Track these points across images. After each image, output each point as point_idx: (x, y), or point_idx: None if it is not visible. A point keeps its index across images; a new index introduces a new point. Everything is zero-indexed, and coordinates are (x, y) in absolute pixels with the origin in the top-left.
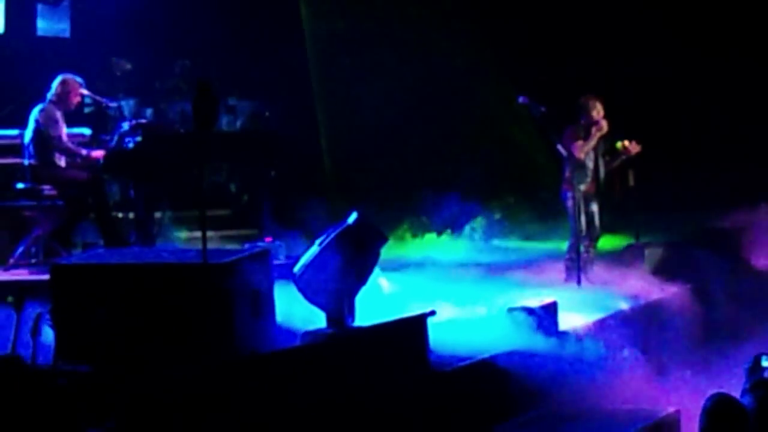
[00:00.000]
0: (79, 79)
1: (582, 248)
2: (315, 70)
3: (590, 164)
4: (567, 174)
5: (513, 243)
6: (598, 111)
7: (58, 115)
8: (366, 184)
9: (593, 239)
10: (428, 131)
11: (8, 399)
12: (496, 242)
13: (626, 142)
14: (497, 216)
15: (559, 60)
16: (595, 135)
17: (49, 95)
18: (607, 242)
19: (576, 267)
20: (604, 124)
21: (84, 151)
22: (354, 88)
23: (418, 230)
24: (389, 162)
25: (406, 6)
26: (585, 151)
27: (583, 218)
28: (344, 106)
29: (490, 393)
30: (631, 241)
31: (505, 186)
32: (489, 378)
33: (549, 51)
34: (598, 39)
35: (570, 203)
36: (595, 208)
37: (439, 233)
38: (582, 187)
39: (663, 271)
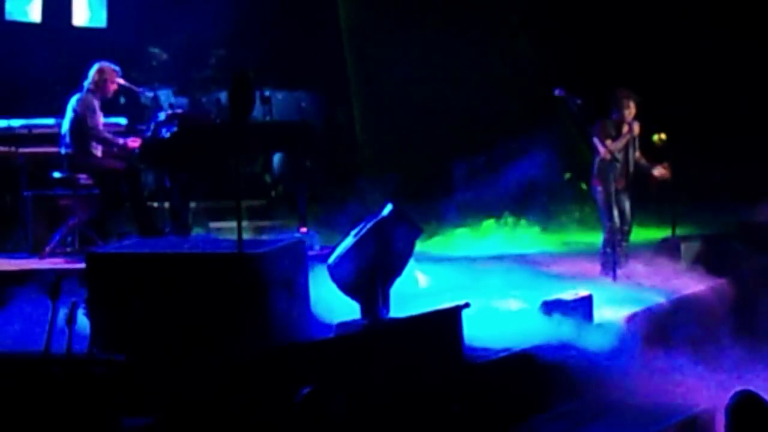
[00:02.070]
0: (115, 67)
1: (616, 242)
2: (351, 59)
3: (621, 159)
4: (597, 168)
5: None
6: (630, 111)
7: (96, 104)
8: (403, 174)
9: (625, 233)
10: (467, 120)
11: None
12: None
13: (662, 135)
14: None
15: (593, 50)
16: (625, 136)
17: (86, 84)
18: (642, 235)
19: (611, 261)
20: (636, 126)
21: (120, 141)
22: (391, 76)
23: (458, 220)
24: (427, 151)
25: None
26: (612, 150)
27: (615, 212)
28: (381, 95)
29: (525, 385)
30: (667, 234)
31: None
32: (523, 370)
33: (584, 41)
34: (632, 28)
35: (601, 197)
36: (626, 202)
37: (480, 222)
38: (613, 184)
39: (699, 265)
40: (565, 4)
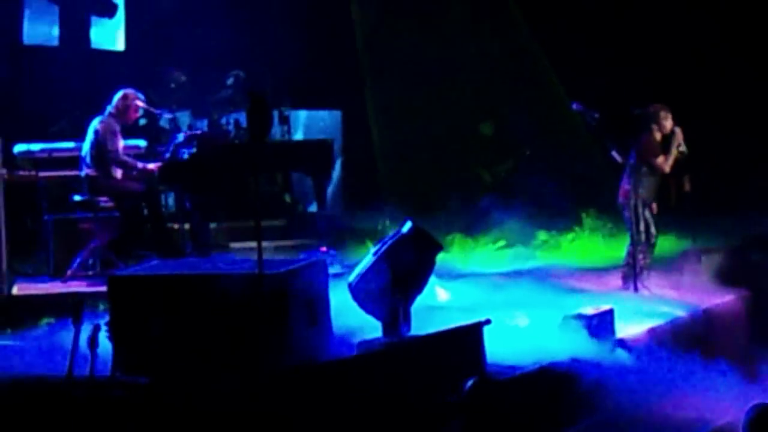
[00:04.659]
0: (139, 94)
1: (640, 255)
2: (368, 78)
3: (654, 173)
4: (627, 182)
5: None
6: (668, 122)
7: (117, 128)
8: (421, 192)
9: (651, 246)
10: (485, 135)
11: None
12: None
13: (682, 148)
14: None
15: (612, 65)
16: (675, 147)
17: (110, 108)
18: (663, 247)
19: (633, 274)
20: (680, 134)
21: (140, 165)
22: (408, 94)
23: (475, 238)
24: (450, 164)
25: (461, 13)
26: (670, 164)
27: (642, 225)
28: (398, 114)
29: (547, 401)
30: (688, 246)
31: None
32: (545, 386)
33: (601, 56)
34: (650, 42)
35: (629, 211)
36: (648, 214)
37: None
38: (646, 196)
39: (721, 277)
40: (584, 21)
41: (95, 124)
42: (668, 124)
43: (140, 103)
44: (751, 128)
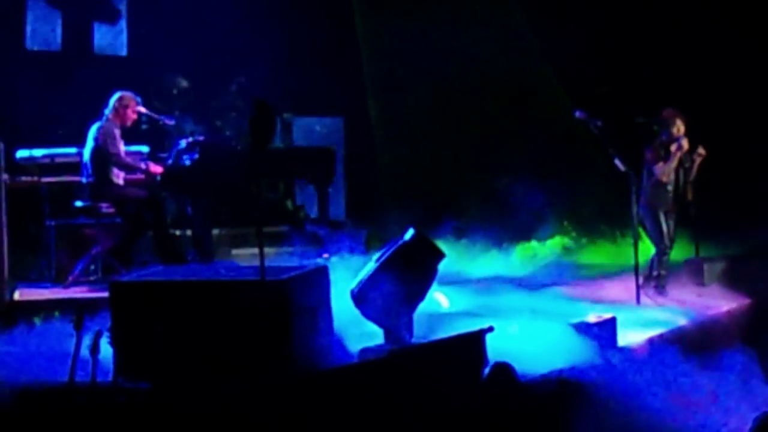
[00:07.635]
0: (136, 96)
1: (662, 263)
2: (370, 85)
3: (671, 182)
4: (650, 193)
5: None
6: (678, 128)
7: (116, 132)
8: (424, 198)
9: (667, 255)
10: (487, 143)
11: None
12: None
13: (700, 150)
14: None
15: (616, 73)
16: (676, 155)
17: (107, 112)
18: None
19: (660, 280)
20: (685, 142)
21: (143, 165)
22: (411, 101)
23: (479, 244)
24: (452, 171)
25: (466, 21)
26: (667, 173)
27: (665, 234)
28: (401, 120)
29: (549, 408)
30: (690, 254)
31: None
32: (547, 394)
33: (605, 63)
34: (656, 48)
35: (651, 221)
36: (671, 224)
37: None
38: (663, 207)
39: (723, 285)
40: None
41: (94, 130)
42: (678, 128)
43: (138, 106)
44: (759, 136)
